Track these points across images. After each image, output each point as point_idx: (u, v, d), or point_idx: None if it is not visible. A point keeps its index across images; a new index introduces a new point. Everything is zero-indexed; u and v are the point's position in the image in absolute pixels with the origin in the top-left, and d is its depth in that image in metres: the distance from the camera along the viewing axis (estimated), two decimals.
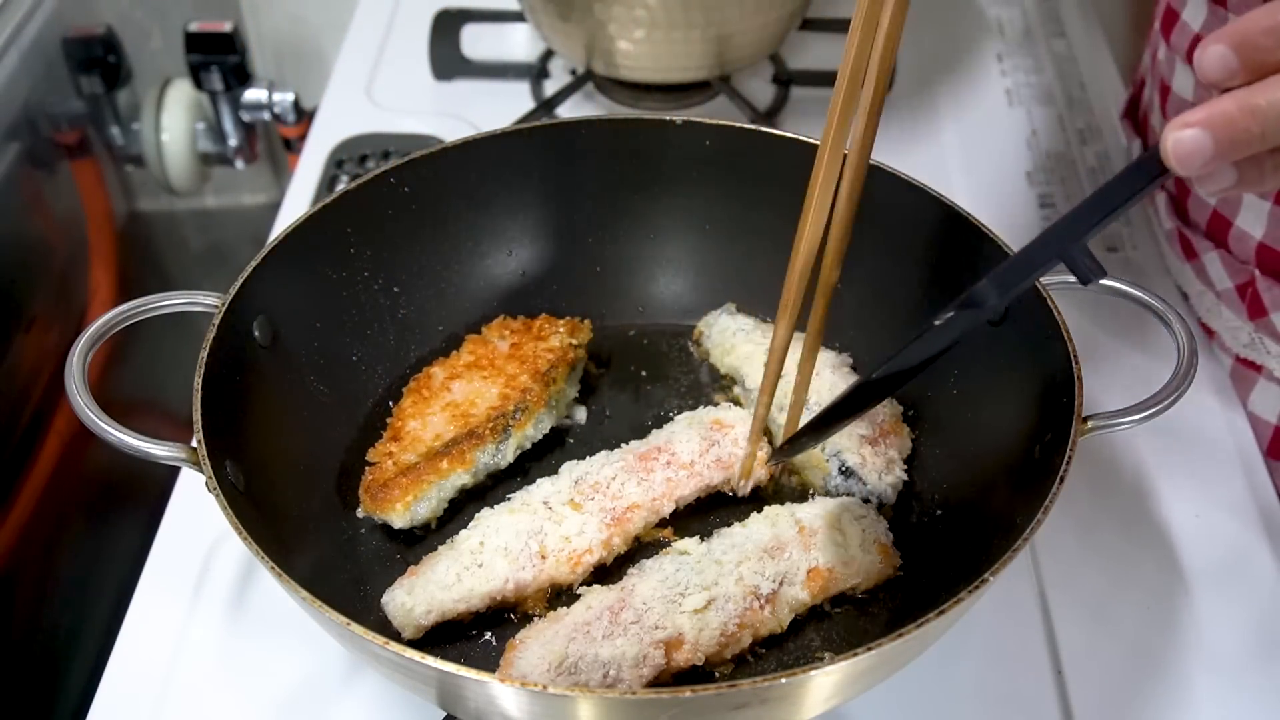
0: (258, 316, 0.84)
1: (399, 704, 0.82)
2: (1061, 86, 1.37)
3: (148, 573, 0.91)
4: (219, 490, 0.70)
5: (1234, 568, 0.91)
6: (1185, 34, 1.02)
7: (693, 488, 0.86)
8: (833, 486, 0.88)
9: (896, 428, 0.90)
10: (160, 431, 0.74)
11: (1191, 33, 1.01)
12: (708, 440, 0.88)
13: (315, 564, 0.82)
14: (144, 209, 1.50)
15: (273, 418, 0.85)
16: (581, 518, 0.82)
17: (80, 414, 0.73)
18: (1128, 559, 0.91)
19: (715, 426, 0.89)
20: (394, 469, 0.86)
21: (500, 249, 1.00)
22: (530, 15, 1.25)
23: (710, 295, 1.02)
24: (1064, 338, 0.77)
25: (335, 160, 1.26)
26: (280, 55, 1.77)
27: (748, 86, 1.32)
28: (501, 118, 1.21)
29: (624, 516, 0.83)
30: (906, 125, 1.32)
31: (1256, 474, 0.97)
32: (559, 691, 0.62)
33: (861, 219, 0.94)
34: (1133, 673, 0.84)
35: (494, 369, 0.93)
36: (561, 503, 0.83)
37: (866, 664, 0.64)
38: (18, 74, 1.19)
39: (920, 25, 1.44)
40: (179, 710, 0.82)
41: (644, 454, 0.87)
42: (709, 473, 0.87)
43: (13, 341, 1.12)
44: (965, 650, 0.84)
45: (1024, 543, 0.67)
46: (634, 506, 0.84)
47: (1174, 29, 1.04)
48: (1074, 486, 0.72)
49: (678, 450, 0.87)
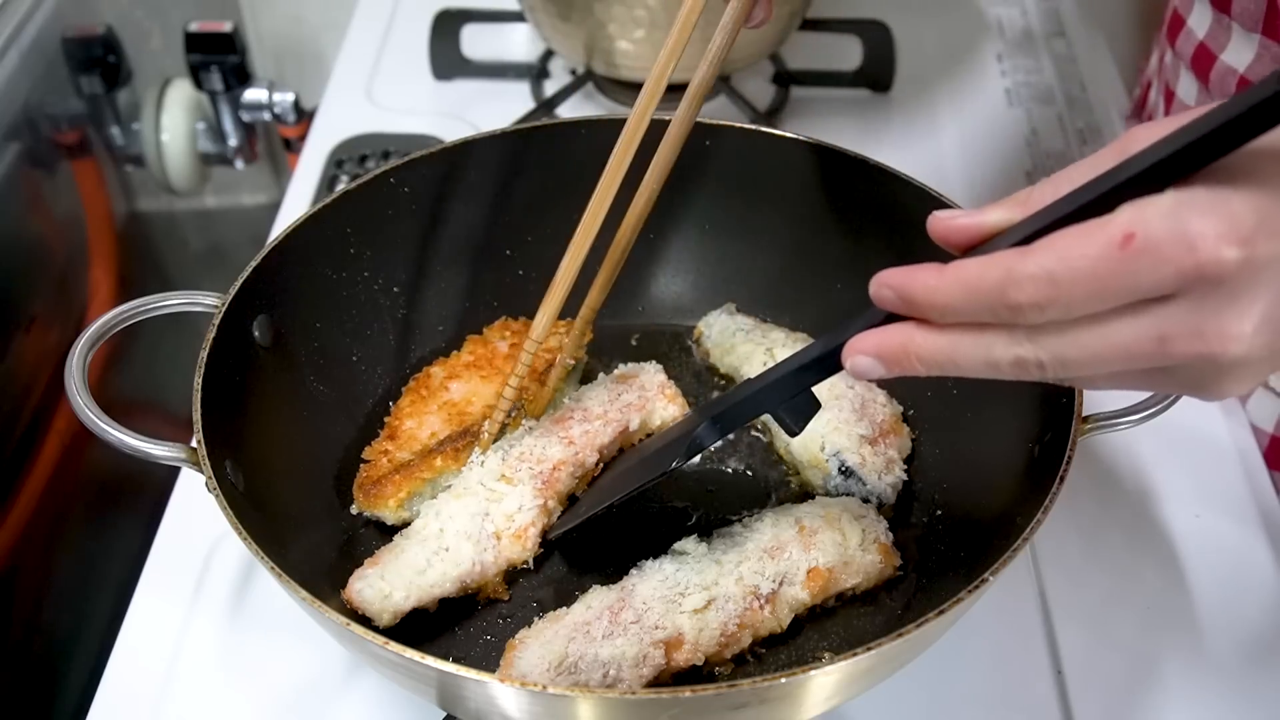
0: (258, 316, 0.84)
1: (399, 704, 0.82)
2: (1061, 86, 1.37)
3: (148, 573, 0.91)
4: (219, 490, 0.70)
5: (1234, 568, 0.91)
6: (1190, 40, 1.02)
7: (609, 434, 0.88)
8: (833, 486, 0.88)
9: (896, 428, 0.90)
10: (160, 431, 0.74)
11: (1196, 39, 1.01)
12: (614, 392, 0.91)
13: (315, 564, 0.82)
14: (144, 209, 1.50)
15: (272, 418, 0.85)
16: (517, 490, 0.84)
17: (80, 414, 0.73)
18: (1128, 559, 0.91)
19: (620, 380, 0.93)
20: (388, 466, 0.87)
21: (500, 249, 1.00)
22: (530, 15, 1.25)
23: (710, 295, 1.02)
24: None
25: (335, 160, 1.26)
26: (280, 55, 1.77)
27: (748, 86, 1.32)
28: (501, 118, 1.22)
29: (551, 477, 0.85)
30: (906, 125, 1.32)
31: (1257, 475, 0.97)
32: (559, 691, 0.62)
33: (862, 219, 0.94)
34: (1133, 673, 0.84)
35: (493, 369, 0.93)
36: (494, 480, 0.84)
37: (866, 664, 0.64)
38: (18, 74, 1.19)
39: (920, 25, 1.44)
40: (179, 710, 0.82)
41: (558, 418, 0.89)
42: (621, 415, 0.90)
43: (13, 341, 1.12)
44: (965, 650, 0.84)
45: (1024, 543, 0.67)
46: (559, 464, 0.85)
47: (1179, 35, 1.04)
48: (1074, 487, 0.72)
49: (589, 407, 0.90)
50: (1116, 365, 0.53)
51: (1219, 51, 0.97)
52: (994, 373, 0.55)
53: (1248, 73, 0.95)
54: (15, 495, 1.08)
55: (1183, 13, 1.04)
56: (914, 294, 0.55)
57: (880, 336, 0.57)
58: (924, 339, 0.56)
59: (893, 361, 0.57)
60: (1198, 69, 1.01)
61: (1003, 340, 0.54)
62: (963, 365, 0.55)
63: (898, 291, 0.55)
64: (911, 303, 0.55)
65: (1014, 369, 0.54)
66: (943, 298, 0.54)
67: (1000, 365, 0.54)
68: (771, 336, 0.96)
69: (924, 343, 0.56)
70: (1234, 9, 0.95)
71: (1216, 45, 0.98)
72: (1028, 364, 0.54)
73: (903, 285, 0.55)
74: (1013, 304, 0.52)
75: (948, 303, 0.54)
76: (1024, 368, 0.54)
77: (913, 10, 1.45)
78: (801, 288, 0.99)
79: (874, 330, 0.58)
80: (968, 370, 0.55)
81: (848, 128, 1.30)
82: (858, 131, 1.30)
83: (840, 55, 1.35)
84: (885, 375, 0.58)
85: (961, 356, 0.55)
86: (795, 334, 0.98)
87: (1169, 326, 0.50)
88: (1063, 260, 0.50)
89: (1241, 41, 0.95)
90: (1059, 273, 0.50)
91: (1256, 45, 0.93)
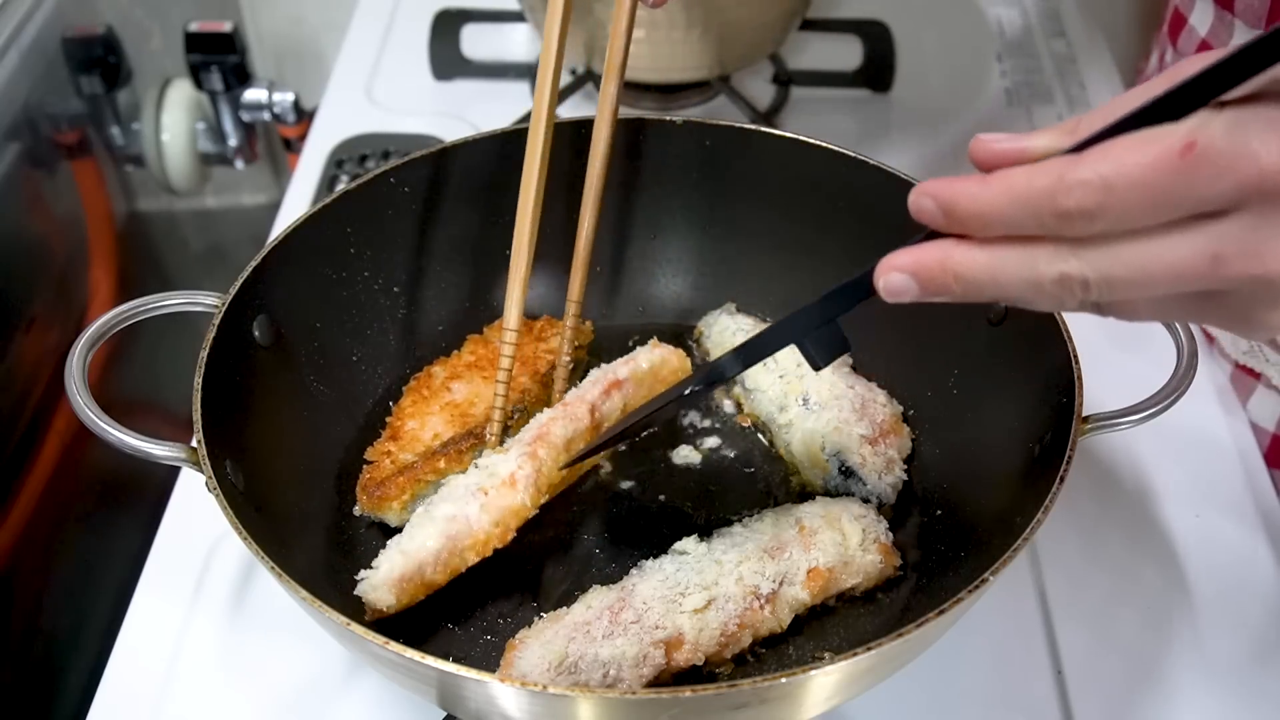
0: (258, 316, 0.84)
1: (399, 704, 0.82)
2: (1061, 86, 1.37)
3: (148, 573, 0.91)
4: (219, 490, 0.70)
5: (1234, 568, 0.91)
6: (1192, 38, 1.02)
7: (598, 390, 0.87)
8: (833, 486, 0.88)
9: (896, 428, 0.90)
10: (160, 431, 0.74)
11: (1198, 37, 1.01)
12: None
13: (315, 563, 0.82)
14: (144, 209, 1.50)
15: (273, 417, 0.85)
16: (507, 456, 0.82)
17: (80, 414, 0.73)
18: (1128, 559, 0.91)
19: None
20: (391, 468, 0.87)
21: (500, 249, 1.00)
22: (530, 15, 1.25)
23: (710, 295, 1.02)
24: (1064, 338, 0.77)
25: (335, 160, 1.26)
26: (280, 55, 1.77)
27: (748, 86, 1.32)
28: (501, 118, 1.22)
29: (541, 433, 0.83)
30: (906, 125, 1.32)
31: (1257, 475, 0.97)
32: (559, 691, 0.62)
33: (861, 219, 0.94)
34: (1133, 673, 0.84)
35: (494, 369, 0.93)
36: (486, 458, 0.84)
37: (866, 664, 0.64)
38: (18, 74, 1.19)
39: (920, 25, 1.44)
40: (179, 710, 0.82)
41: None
42: (608, 372, 0.89)
43: (13, 341, 1.12)
44: (965, 650, 0.84)
45: (1024, 543, 0.67)
46: (549, 421, 0.84)
47: (1181, 33, 1.04)
48: (1074, 487, 0.72)
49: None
50: (1164, 286, 0.50)
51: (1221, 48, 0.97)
52: (1035, 294, 0.52)
53: None
54: (15, 495, 1.08)
55: (1184, 11, 1.04)
56: (956, 202, 0.52)
57: (917, 252, 0.54)
58: (964, 254, 0.52)
59: (928, 279, 0.53)
60: None
61: (1047, 254, 0.51)
62: (1004, 284, 0.52)
63: (938, 199, 0.52)
64: (952, 211, 0.52)
65: (1057, 288, 0.51)
66: (987, 206, 0.51)
67: (1043, 284, 0.51)
68: None
69: (963, 259, 0.52)
70: (1237, 6, 0.95)
71: (1219, 42, 0.98)
72: (1072, 282, 0.51)
73: (944, 192, 0.52)
74: (1062, 210, 0.49)
75: (992, 211, 0.51)
76: (1068, 287, 0.51)
77: (913, 10, 1.45)
78: (801, 287, 0.98)
79: (910, 246, 0.54)
80: (1009, 290, 0.52)
81: (848, 128, 1.30)
82: (858, 131, 1.30)
83: (840, 55, 1.35)
84: (919, 297, 0.54)
85: (1004, 273, 0.52)
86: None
87: (1224, 245, 0.48)
88: (1118, 166, 0.48)
89: (1245, 38, 0.95)
90: (1113, 178, 0.48)
91: None
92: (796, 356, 0.94)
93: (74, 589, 1.15)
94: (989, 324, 0.85)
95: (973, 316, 0.86)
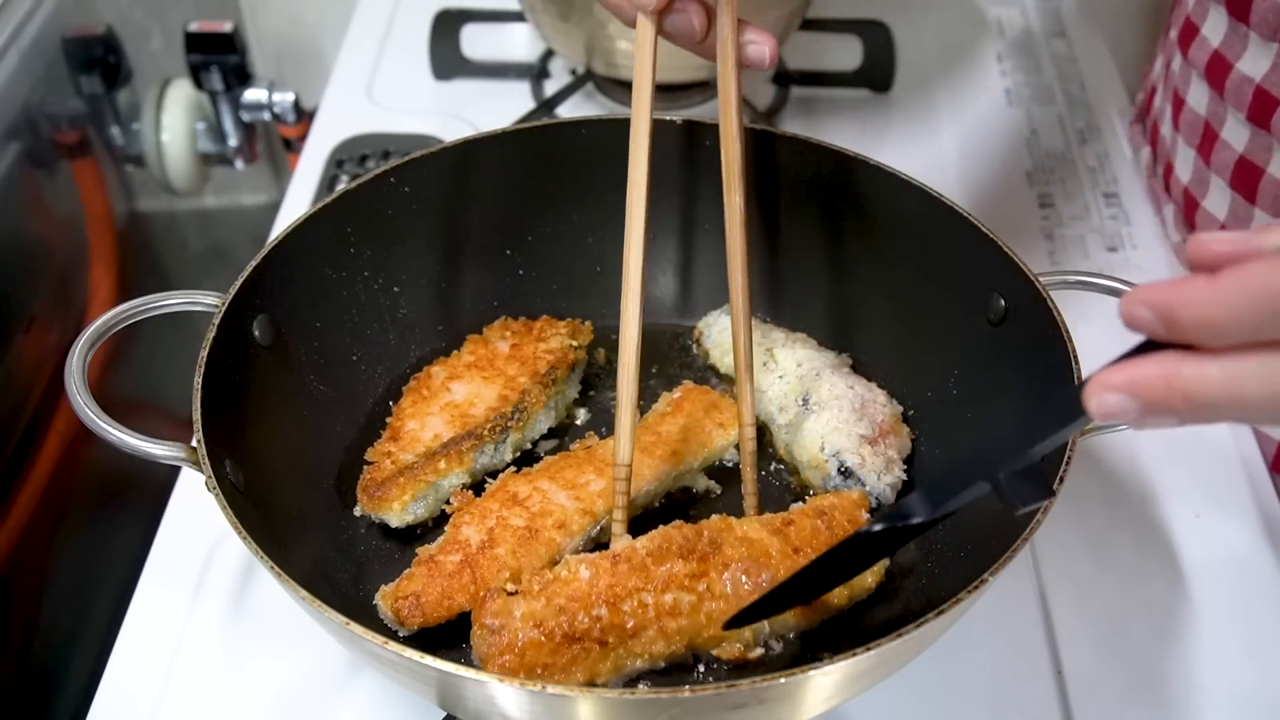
0: (258, 316, 0.84)
1: (399, 704, 0.82)
2: (1061, 86, 1.37)
3: (148, 573, 0.91)
4: (219, 490, 0.70)
5: (1235, 568, 0.91)
6: (1204, 49, 1.01)
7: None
8: (832, 487, 0.88)
9: (896, 428, 0.90)
10: (160, 431, 0.74)
11: (1210, 48, 1.00)
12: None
13: (315, 563, 0.82)
14: (144, 209, 1.50)
15: (272, 417, 0.85)
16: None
17: (80, 414, 0.73)
18: (1128, 559, 0.91)
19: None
20: (391, 468, 0.87)
21: (500, 249, 1.00)
22: (530, 15, 1.25)
23: (710, 295, 1.02)
24: (1064, 338, 0.77)
25: (335, 160, 1.26)
26: (280, 55, 1.77)
27: (748, 86, 1.32)
28: (501, 118, 1.21)
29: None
30: (906, 125, 1.32)
31: (1257, 476, 0.97)
32: (559, 691, 0.62)
33: (861, 219, 0.94)
34: (1133, 674, 0.84)
35: (494, 370, 0.93)
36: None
37: (866, 664, 0.64)
38: (18, 74, 1.19)
39: (920, 25, 1.44)
40: (179, 710, 0.82)
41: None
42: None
43: (13, 341, 1.12)
44: (965, 650, 0.84)
45: (1024, 543, 0.67)
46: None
47: (1192, 43, 1.04)
48: (1074, 487, 0.72)
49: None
50: None
51: (1235, 60, 0.96)
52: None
53: (1264, 82, 0.94)
54: (15, 495, 1.08)
55: (1196, 20, 1.04)
56: (1179, 308, 0.44)
57: (1135, 368, 0.46)
58: (1194, 370, 0.45)
59: (1151, 400, 0.46)
60: (1211, 77, 1.00)
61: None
62: (1249, 402, 0.45)
63: (1156, 310, 0.45)
64: (1174, 320, 0.45)
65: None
66: (1218, 310, 0.43)
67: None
68: (771, 336, 0.97)
69: (1194, 375, 0.45)
70: (1252, 17, 0.94)
71: (1232, 53, 0.97)
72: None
73: (1163, 299, 0.45)
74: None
75: (1226, 316, 0.43)
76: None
77: (913, 10, 1.45)
78: (801, 288, 0.99)
79: (1126, 361, 0.47)
80: (1255, 410, 0.45)
81: (848, 128, 1.30)
82: (858, 131, 1.30)
83: (840, 55, 1.35)
84: (1140, 421, 0.47)
85: (1247, 390, 0.44)
86: (795, 334, 0.98)
87: None
88: None
89: (1259, 50, 0.94)
90: None
91: (1274, 54, 0.93)
92: (796, 356, 0.95)
93: (74, 589, 1.15)
94: (989, 324, 0.85)
95: (973, 316, 0.86)
